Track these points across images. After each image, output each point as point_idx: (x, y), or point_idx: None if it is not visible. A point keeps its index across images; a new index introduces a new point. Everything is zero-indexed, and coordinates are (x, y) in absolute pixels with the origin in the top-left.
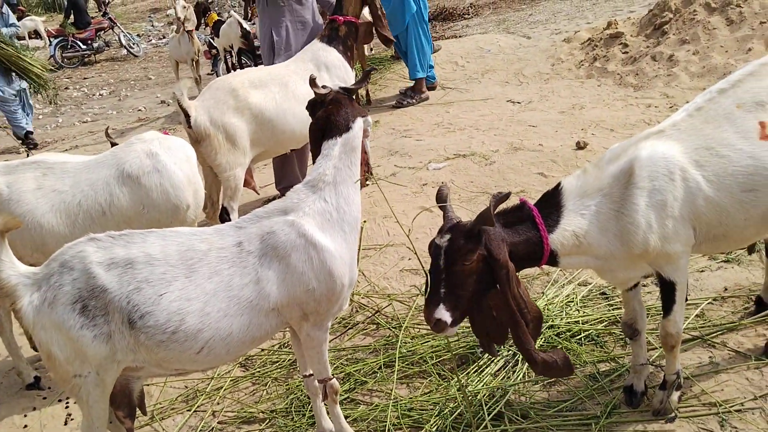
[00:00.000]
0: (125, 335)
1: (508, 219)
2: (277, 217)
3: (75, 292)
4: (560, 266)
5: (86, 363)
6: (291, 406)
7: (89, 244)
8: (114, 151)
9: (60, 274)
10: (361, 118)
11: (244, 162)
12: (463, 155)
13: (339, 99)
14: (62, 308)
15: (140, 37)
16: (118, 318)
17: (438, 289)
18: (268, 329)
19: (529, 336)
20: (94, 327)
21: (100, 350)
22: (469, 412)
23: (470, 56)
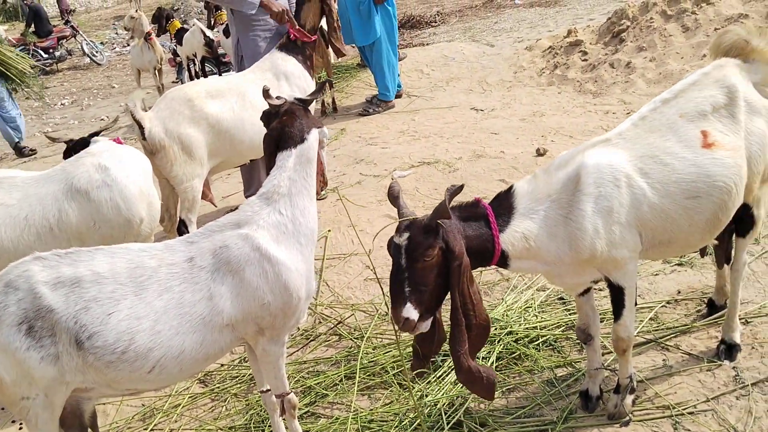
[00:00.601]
0: (73, 356)
1: (463, 213)
2: (230, 230)
3: (20, 313)
4: (511, 269)
5: (34, 385)
6: (250, 422)
7: (35, 263)
8: (63, 166)
9: (5, 294)
10: (316, 129)
11: (202, 173)
12: (427, 163)
13: (293, 110)
14: (7, 329)
15: (104, 45)
16: (65, 339)
17: (402, 288)
18: (222, 346)
19: (465, 337)
20: (41, 348)
21: (48, 372)
22: (425, 422)
23: (435, 64)
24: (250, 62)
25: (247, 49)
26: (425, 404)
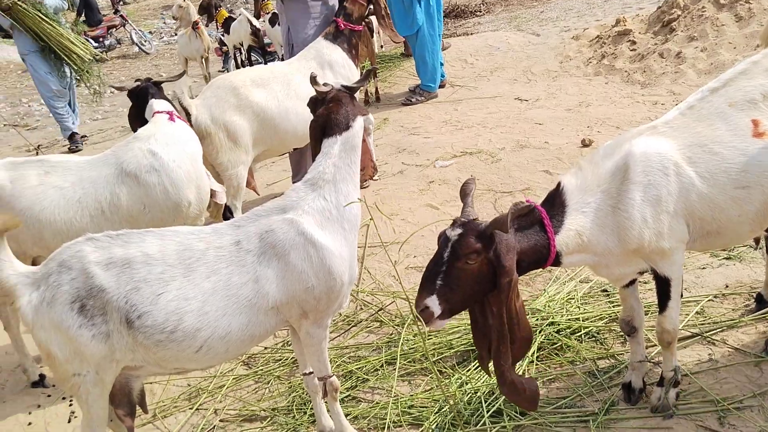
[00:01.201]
0: (123, 335)
1: (519, 224)
2: (276, 215)
3: (73, 292)
4: (563, 266)
5: (85, 362)
6: (292, 404)
7: (87, 243)
8: (114, 150)
9: (58, 273)
10: (361, 116)
11: (247, 160)
12: (470, 153)
13: (340, 97)
14: (61, 308)
15: (152, 34)
16: (116, 318)
17: (435, 279)
18: (267, 327)
19: (508, 352)
20: (92, 326)
21: (99, 349)
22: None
23: (480, 54)
24: (301, 50)
25: (297, 38)
26: (465, 391)
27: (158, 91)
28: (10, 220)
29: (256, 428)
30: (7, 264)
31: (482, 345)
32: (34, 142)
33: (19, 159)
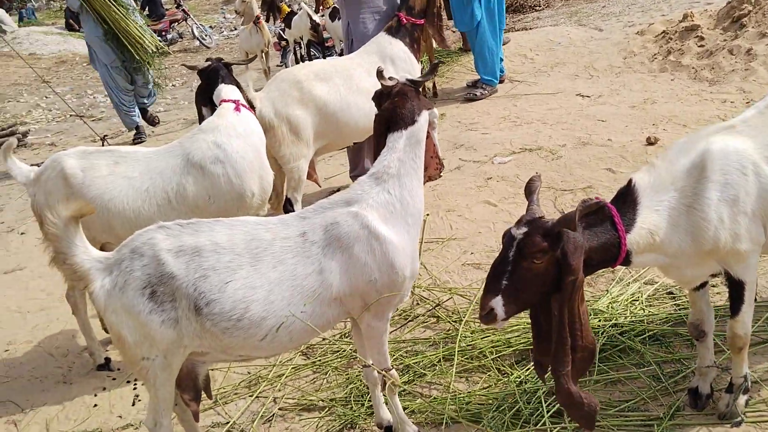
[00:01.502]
0: (192, 321)
1: (588, 221)
2: (341, 208)
3: (145, 278)
4: (632, 265)
5: (154, 347)
6: (350, 396)
7: (159, 231)
8: (181, 141)
9: (131, 259)
10: (426, 111)
11: (308, 154)
12: (529, 149)
13: (405, 91)
14: (132, 293)
15: (212, 28)
16: (185, 304)
17: (500, 279)
18: (330, 318)
19: (568, 358)
20: (162, 312)
21: (168, 335)
22: (525, 409)
23: (540, 49)
24: (360, 45)
25: (357, 32)
26: (524, 391)
27: (228, 74)
28: (85, 207)
29: (314, 418)
30: (82, 249)
31: (541, 350)
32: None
33: (90, 149)
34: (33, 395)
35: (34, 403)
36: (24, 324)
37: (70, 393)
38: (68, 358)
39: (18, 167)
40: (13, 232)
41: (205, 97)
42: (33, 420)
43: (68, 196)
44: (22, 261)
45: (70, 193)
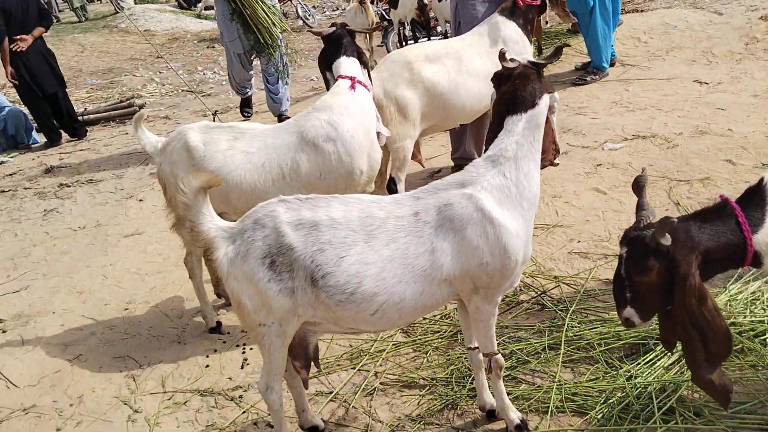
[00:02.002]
0: (307, 292)
1: (706, 218)
2: (455, 189)
3: (265, 248)
4: (764, 268)
5: (271, 314)
6: (451, 377)
7: (280, 204)
8: (296, 119)
9: (253, 230)
10: (548, 94)
11: (414, 134)
12: (642, 136)
13: (527, 73)
14: (253, 262)
15: (315, 8)
16: (301, 275)
17: (624, 292)
18: (438, 299)
19: (698, 351)
20: (280, 281)
21: (284, 303)
22: (635, 404)
23: (654, 32)
24: (467, 27)
25: (465, 14)
26: (634, 386)
27: (350, 41)
28: (214, 178)
29: (415, 395)
30: (209, 218)
31: (666, 329)
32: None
33: (212, 124)
34: (150, 353)
35: (151, 360)
36: (142, 285)
37: (183, 353)
38: (182, 320)
39: (147, 137)
40: (132, 198)
41: (328, 62)
42: (150, 376)
43: (190, 167)
44: (141, 226)
45: (192, 165)
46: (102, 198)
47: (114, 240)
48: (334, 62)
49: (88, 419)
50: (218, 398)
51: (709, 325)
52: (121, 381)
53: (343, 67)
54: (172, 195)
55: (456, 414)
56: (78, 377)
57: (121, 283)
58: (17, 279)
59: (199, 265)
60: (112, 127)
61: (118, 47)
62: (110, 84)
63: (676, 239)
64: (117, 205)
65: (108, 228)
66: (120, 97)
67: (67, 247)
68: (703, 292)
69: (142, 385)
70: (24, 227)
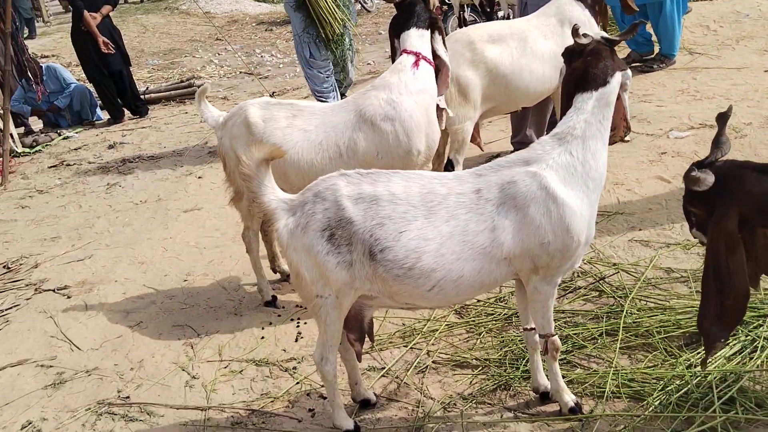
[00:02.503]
0: (365, 266)
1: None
2: (519, 167)
3: (325, 221)
4: None
5: (328, 286)
6: (505, 358)
7: (341, 178)
8: (355, 97)
9: (313, 203)
10: (620, 72)
11: (474, 116)
12: (709, 125)
13: (599, 50)
14: (313, 234)
15: None
16: (360, 249)
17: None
18: (497, 277)
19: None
20: (338, 254)
21: (342, 276)
22: (695, 393)
23: (724, 20)
24: (534, 9)
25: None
26: (694, 374)
27: (423, 10)
28: (276, 150)
29: (468, 375)
30: (270, 189)
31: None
32: (268, 89)
33: (273, 100)
34: (207, 323)
35: (209, 330)
36: (201, 258)
37: (240, 324)
38: (239, 293)
39: (210, 111)
40: (192, 175)
41: (398, 30)
42: (207, 345)
43: (250, 142)
44: (200, 202)
45: (252, 140)
46: (162, 174)
47: (174, 214)
48: (402, 32)
49: (147, 383)
50: (273, 368)
51: (729, 278)
52: (180, 348)
53: (410, 41)
54: (231, 169)
55: (509, 395)
56: (138, 343)
57: (181, 256)
58: (82, 248)
59: (256, 240)
60: (173, 107)
61: (178, 28)
62: (171, 64)
63: (722, 182)
64: (177, 182)
65: (168, 203)
66: (180, 77)
67: (128, 219)
68: (735, 241)
69: (199, 353)
70: (88, 200)
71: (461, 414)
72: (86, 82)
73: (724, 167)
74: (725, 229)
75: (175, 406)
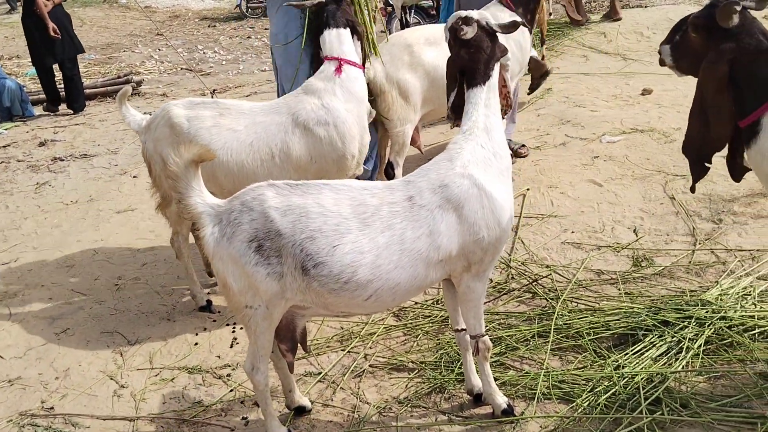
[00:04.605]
0: (297, 279)
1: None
2: (446, 169)
3: (252, 232)
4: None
5: (257, 297)
6: (440, 361)
7: (269, 189)
8: (286, 100)
9: (240, 212)
10: (501, 57)
11: (414, 119)
12: (640, 130)
13: (481, 41)
14: (239, 244)
15: None
16: (290, 262)
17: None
18: (433, 279)
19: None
20: (268, 265)
21: (272, 287)
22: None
23: (657, 27)
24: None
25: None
26: (622, 375)
27: (336, 8)
28: (207, 153)
29: (404, 378)
30: (197, 192)
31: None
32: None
33: (197, 99)
34: (138, 329)
35: (140, 337)
36: (133, 261)
37: (173, 330)
38: (173, 297)
39: (132, 114)
40: (126, 174)
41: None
42: (137, 352)
43: (174, 144)
44: (134, 203)
45: (176, 142)
46: (95, 173)
47: (106, 215)
48: (319, 37)
49: (73, 393)
50: (206, 376)
51: (714, 114)
52: (108, 356)
53: (327, 46)
54: (157, 174)
55: (443, 398)
56: (64, 351)
57: (112, 259)
58: (7, 251)
59: (186, 245)
60: (109, 103)
61: (117, 23)
62: (108, 59)
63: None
64: (110, 181)
65: (100, 203)
66: (118, 72)
67: (58, 221)
68: (723, 85)
69: (129, 361)
70: (16, 200)
71: (396, 418)
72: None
73: (752, 20)
74: (717, 73)
75: (101, 416)
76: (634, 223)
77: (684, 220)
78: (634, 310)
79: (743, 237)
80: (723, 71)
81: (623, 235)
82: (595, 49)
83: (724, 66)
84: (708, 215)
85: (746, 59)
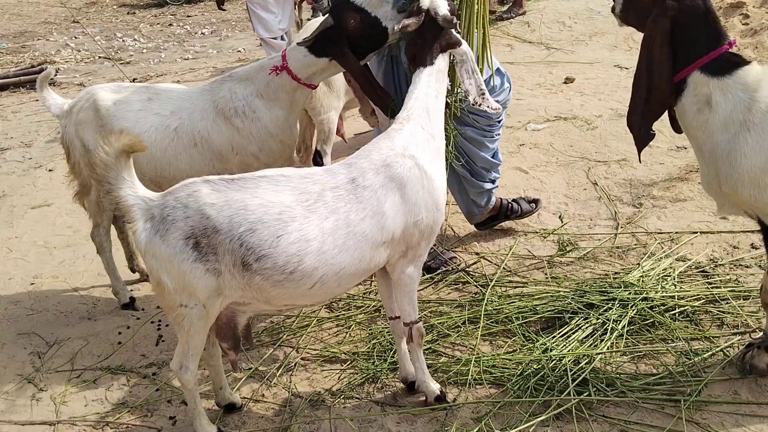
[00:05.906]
0: (236, 276)
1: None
2: (387, 149)
3: (188, 229)
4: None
5: (193, 295)
6: (373, 351)
7: (205, 185)
8: (212, 85)
9: (174, 208)
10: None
11: (338, 106)
12: (564, 118)
13: (424, 31)
14: (174, 241)
15: None
16: (228, 259)
17: None
18: (376, 263)
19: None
20: (206, 262)
21: (209, 284)
22: (550, 376)
23: (579, 17)
24: None
25: None
26: (550, 358)
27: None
28: (138, 143)
29: (337, 370)
30: (129, 183)
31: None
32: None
33: (126, 84)
34: (58, 329)
35: (59, 337)
36: (50, 259)
37: (94, 329)
38: (93, 295)
39: (53, 98)
40: (41, 168)
41: None
42: (57, 353)
43: (98, 127)
44: (50, 197)
45: (101, 125)
46: (8, 167)
47: (20, 211)
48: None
49: None
50: (130, 376)
51: (658, 67)
52: (26, 358)
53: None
54: (76, 160)
55: (376, 387)
56: None
57: (27, 257)
58: None
59: (108, 239)
60: (22, 93)
61: (31, 9)
62: (21, 48)
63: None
64: (24, 175)
65: (14, 199)
66: (32, 62)
67: None
68: (665, 39)
69: (48, 363)
70: None
71: (329, 410)
72: None
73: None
74: (663, 25)
75: (20, 422)
76: (559, 209)
77: (606, 205)
78: (561, 294)
79: (662, 220)
80: (666, 25)
81: (549, 221)
82: (519, 39)
83: (667, 21)
84: (629, 200)
85: (683, 21)
